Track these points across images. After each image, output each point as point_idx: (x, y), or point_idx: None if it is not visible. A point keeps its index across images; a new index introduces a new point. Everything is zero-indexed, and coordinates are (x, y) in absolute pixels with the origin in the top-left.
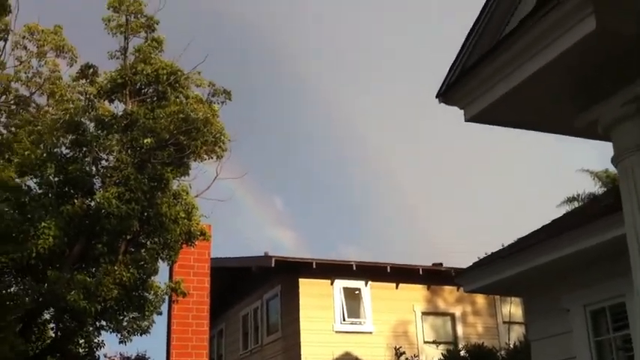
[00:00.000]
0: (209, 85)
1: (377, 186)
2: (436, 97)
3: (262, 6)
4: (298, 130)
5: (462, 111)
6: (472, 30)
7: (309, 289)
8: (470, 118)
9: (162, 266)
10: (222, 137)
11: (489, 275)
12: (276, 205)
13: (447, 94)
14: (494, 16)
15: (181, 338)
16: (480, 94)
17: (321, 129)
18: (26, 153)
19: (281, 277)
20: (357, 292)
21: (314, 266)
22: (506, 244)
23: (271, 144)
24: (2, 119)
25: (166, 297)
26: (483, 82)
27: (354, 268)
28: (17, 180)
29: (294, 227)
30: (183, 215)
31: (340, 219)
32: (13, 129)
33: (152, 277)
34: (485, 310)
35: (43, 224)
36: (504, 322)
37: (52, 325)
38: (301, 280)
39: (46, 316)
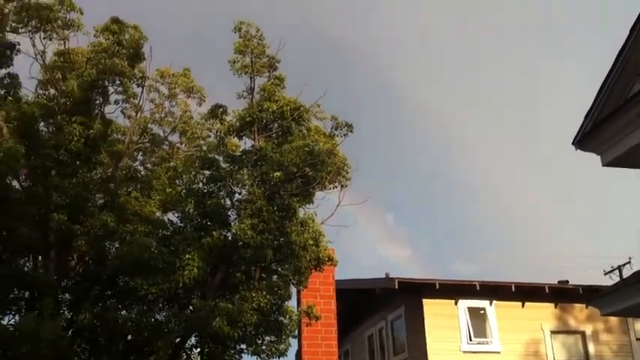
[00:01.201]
0: (332, 119)
1: (491, 202)
2: (572, 144)
3: (369, 30)
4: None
5: (599, 157)
6: (603, 84)
7: (433, 309)
8: (607, 164)
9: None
10: (346, 167)
11: (629, 298)
12: (387, 222)
13: (583, 141)
14: (623, 74)
15: None
16: (615, 143)
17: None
18: (168, 190)
19: (404, 298)
20: (481, 311)
21: (437, 287)
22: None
23: (381, 160)
24: (139, 158)
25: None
26: (617, 132)
27: (478, 287)
28: (158, 214)
29: (408, 245)
30: (311, 242)
31: (454, 235)
32: (149, 166)
33: (286, 302)
34: (617, 327)
35: (187, 256)
36: (638, 339)
37: (197, 349)
38: (425, 301)
39: (192, 341)
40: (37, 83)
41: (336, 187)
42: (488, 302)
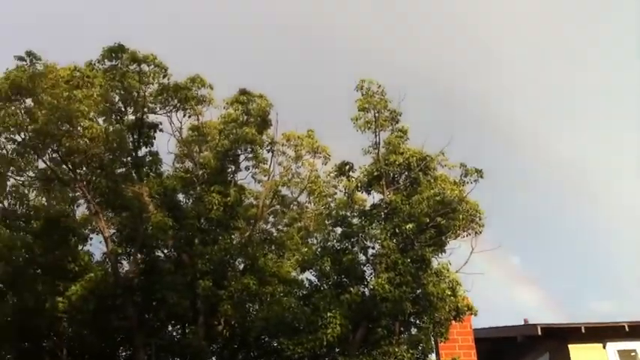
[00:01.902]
0: (460, 166)
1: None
2: None
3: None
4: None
5: None
6: None
7: (580, 354)
8: None
9: None
10: (478, 214)
11: None
12: (514, 264)
13: None
14: None
15: None
16: None
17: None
18: (303, 249)
19: (548, 344)
20: (633, 353)
21: (583, 330)
22: None
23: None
24: (271, 220)
25: None
26: None
27: (627, 328)
28: (293, 274)
29: (538, 286)
30: (449, 292)
31: (585, 272)
32: (281, 227)
33: (429, 356)
34: None
35: (329, 314)
36: None
37: None
38: (571, 347)
39: None
40: (175, 157)
41: (470, 234)
42: (639, 343)
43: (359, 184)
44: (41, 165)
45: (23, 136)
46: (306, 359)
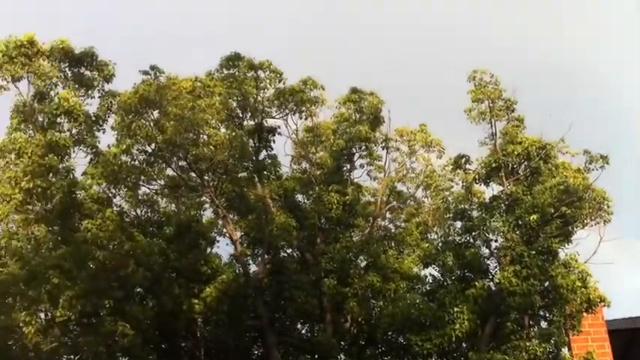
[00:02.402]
0: (584, 153)
1: None
2: None
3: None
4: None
5: None
6: None
7: None
8: None
9: None
10: (606, 202)
11: None
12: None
13: None
14: None
15: None
16: None
17: None
18: (425, 245)
19: None
20: None
21: None
22: None
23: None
24: (388, 216)
25: None
26: None
27: None
28: (415, 270)
29: None
30: (579, 284)
31: None
32: (399, 223)
33: (561, 349)
34: None
35: (455, 309)
36: None
37: None
38: None
39: None
40: (292, 159)
41: (597, 223)
42: None
43: (477, 177)
44: (170, 173)
45: (153, 147)
46: (434, 355)
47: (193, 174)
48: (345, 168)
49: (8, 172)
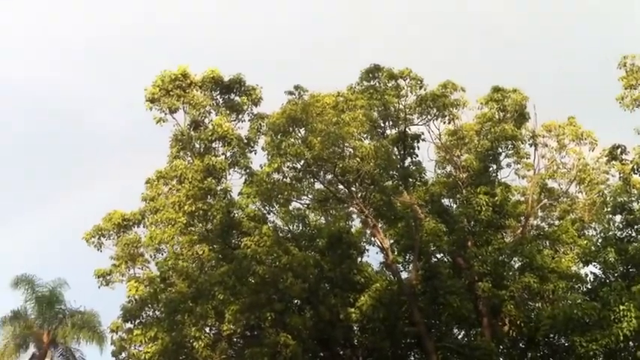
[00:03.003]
0: None
1: None
2: None
3: None
4: None
5: None
6: None
7: None
8: None
9: None
10: None
11: None
12: None
13: None
14: None
15: None
16: None
17: None
18: (584, 242)
19: None
20: None
21: None
22: None
23: None
24: (540, 214)
25: None
26: None
27: None
28: (573, 268)
29: None
30: None
31: None
32: (551, 221)
33: None
34: None
35: (621, 307)
36: None
37: None
38: None
39: None
40: (435, 164)
41: None
42: None
43: (635, 167)
44: (318, 187)
45: (302, 163)
46: (600, 356)
47: (341, 186)
48: (491, 168)
49: (172, 198)
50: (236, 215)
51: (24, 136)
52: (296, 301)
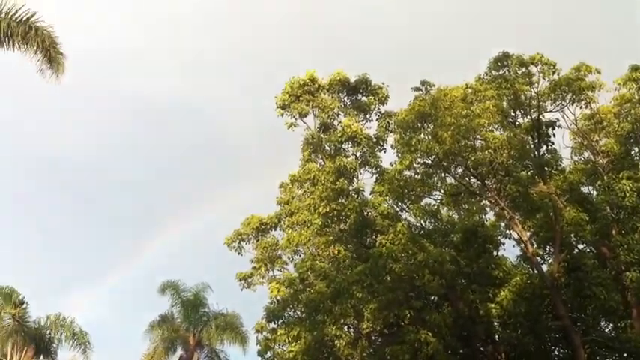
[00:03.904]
0: None
1: None
2: None
3: None
4: None
5: None
6: None
7: None
8: None
9: None
10: None
11: None
12: None
13: None
14: None
15: None
16: None
17: None
18: None
19: None
20: None
21: None
22: None
23: None
24: None
25: None
26: None
27: None
28: None
29: None
30: None
31: None
32: None
33: None
34: None
35: None
36: None
37: None
38: None
39: None
40: (571, 150)
41: None
42: None
43: None
44: (450, 181)
45: (433, 159)
46: None
47: (474, 179)
48: (633, 152)
49: (306, 200)
50: (369, 214)
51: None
52: (433, 297)
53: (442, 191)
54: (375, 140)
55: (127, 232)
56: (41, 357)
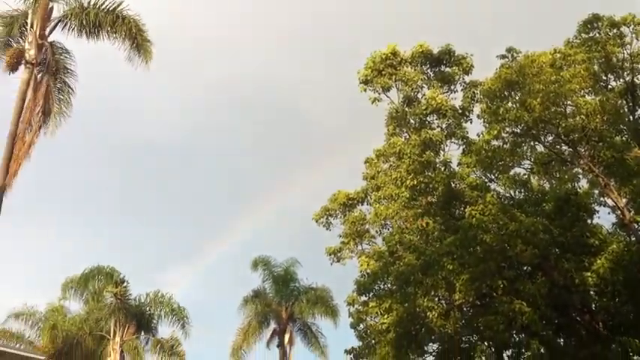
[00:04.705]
0: None
1: None
2: None
3: None
4: None
5: None
6: None
7: None
8: None
9: None
10: None
11: None
12: None
13: None
14: None
15: None
16: None
17: None
18: None
19: None
20: None
21: None
22: None
23: None
24: None
25: None
26: None
27: None
28: None
29: None
30: None
31: None
32: None
33: None
34: None
35: None
36: None
37: None
38: None
39: None
40: None
41: None
42: None
43: None
44: (540, 150)
45: (521, 127)
46: None
47: (565, 147)
48: None
49: (392, 174)
50: (457, 186)
51: (250, 129)
52: (526, 268)
53: (532, 160)
54: (460, 111)
55: (217, 211)
56: (142, 333)
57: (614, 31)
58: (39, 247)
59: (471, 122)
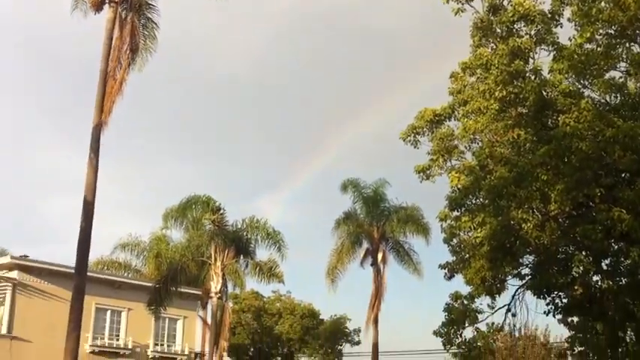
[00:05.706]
0: None
1: None
2: None
3: None
4: None
5: None
6: None
7: None
8: None
9: None
10: None
11: None
12: None
13: None
14: None
15: None
16: None
17: None
18: None
19: None
20: None
21: None
22: None
23: None
24: None
25: None
26: None
27: None
28: None
29: None
30: None
31: None
32: None
33: None
34: None
35: None
36: None
37: None
38: None
39: None
40: None
41: None
42: None
43: None
44: (636, 51)
45: (615, 28)
46: None
47: None
48: None
49: (480, 87)
50: (549, 94)
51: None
52: (625, 174)
53: (628, 62)
54: (549, 16)
55: (302, 137)
56: (241, 257)
57: None
58: (133, 178)
59: (561, 27)
